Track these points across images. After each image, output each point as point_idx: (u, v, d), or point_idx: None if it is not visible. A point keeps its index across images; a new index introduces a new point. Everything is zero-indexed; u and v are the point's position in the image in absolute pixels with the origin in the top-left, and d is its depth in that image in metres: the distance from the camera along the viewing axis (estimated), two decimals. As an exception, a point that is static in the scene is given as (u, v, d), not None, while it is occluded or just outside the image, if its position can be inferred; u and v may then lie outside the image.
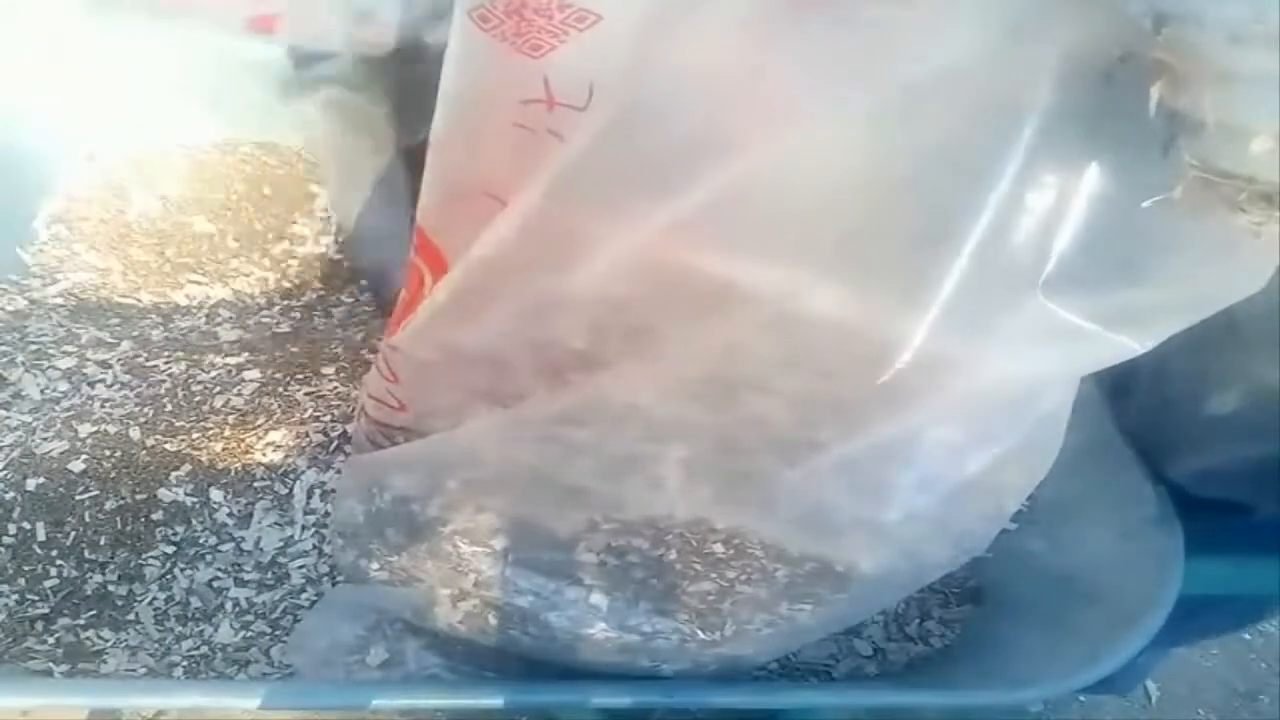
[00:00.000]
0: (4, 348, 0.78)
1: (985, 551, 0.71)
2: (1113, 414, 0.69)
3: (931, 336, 0.45)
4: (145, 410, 0.75)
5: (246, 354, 0.80)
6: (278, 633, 0.66)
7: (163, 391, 0.76)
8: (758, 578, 0.55)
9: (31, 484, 0.69)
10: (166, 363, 0.78)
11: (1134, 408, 0.69)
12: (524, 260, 0.50)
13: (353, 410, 0.72)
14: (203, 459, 0.72)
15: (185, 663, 0.64)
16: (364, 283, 0.88)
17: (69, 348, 0.79)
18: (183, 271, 0.86)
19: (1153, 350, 0.46)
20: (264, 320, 0.84)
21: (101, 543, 0.68)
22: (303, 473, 0.73)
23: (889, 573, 0.56)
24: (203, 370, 0.78)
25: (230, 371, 0.78)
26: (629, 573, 0.56)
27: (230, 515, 0.70)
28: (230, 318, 0.84)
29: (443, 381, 0.59)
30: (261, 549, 0.69)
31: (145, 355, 0.79)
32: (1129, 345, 0.45)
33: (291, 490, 0.72)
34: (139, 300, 0.84)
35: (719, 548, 0.56)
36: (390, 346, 0.59)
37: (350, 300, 0.87)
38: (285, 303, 0.85)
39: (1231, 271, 0.43)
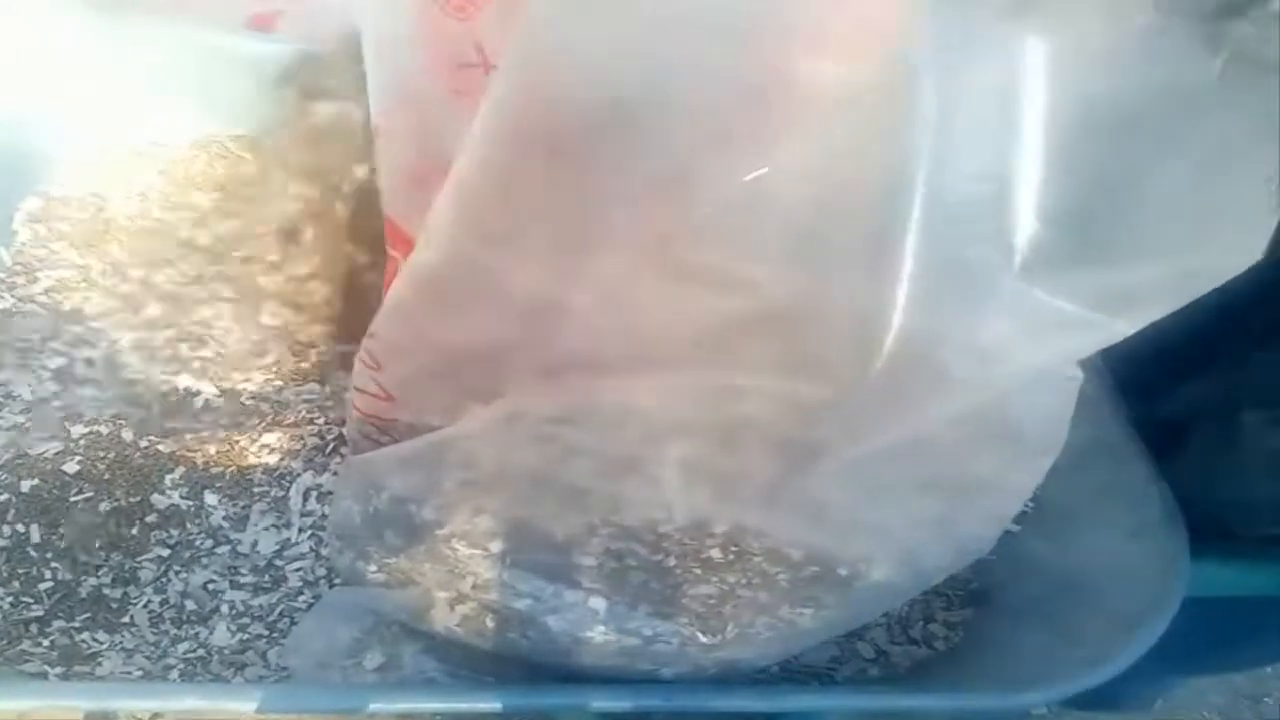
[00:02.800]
0: (-5, 347, 0.78)
1: (988, 554, 0.71)
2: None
3: (913, 327, 0.44)
4: (136, 411, 0.74)
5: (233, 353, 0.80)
6: (274, 635, 0.66)
7: (153, 392, 0.76)
8: (758, 581, 0.55)
9: (26, 485, 0.69)
10: (154, 364, 0.78)
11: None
12: (472, 240, 0.49)
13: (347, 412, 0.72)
14: (197, 461, 0.72)
15: (181, 665, 0.64)
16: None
17: (56, 345, 0.78)
18: (162, 269, 0.86)
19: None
20: (249, 317, 0.83)
21: (96, 545, 0.67)
22: (299, 475, 0.72)
23: (891, 575, 0.55)
24: (193, 369, 0.78)
25: (218, 374, 0.78)
26: (628, 576, 0.56)
27: (225, 518, 0.70)
28: (214, 315, 0.83)
29: (426, 373, 0.58)
30: (258, 552, 0.69)
31: (133, 354, 0.78)
32: (1116, 327, 0.44)
33: (287, 493, 0.72)
34: (121, 299, 0.83)
35: (717, 553, 0.55)
36: (369, 334, 0.59)
37: (340, 294, 0.86)
38: (270, 298, 0.85)
39: (1223, 242, 0.40)
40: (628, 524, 0.54)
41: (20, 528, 0.67)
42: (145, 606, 0.66)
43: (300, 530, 0.70)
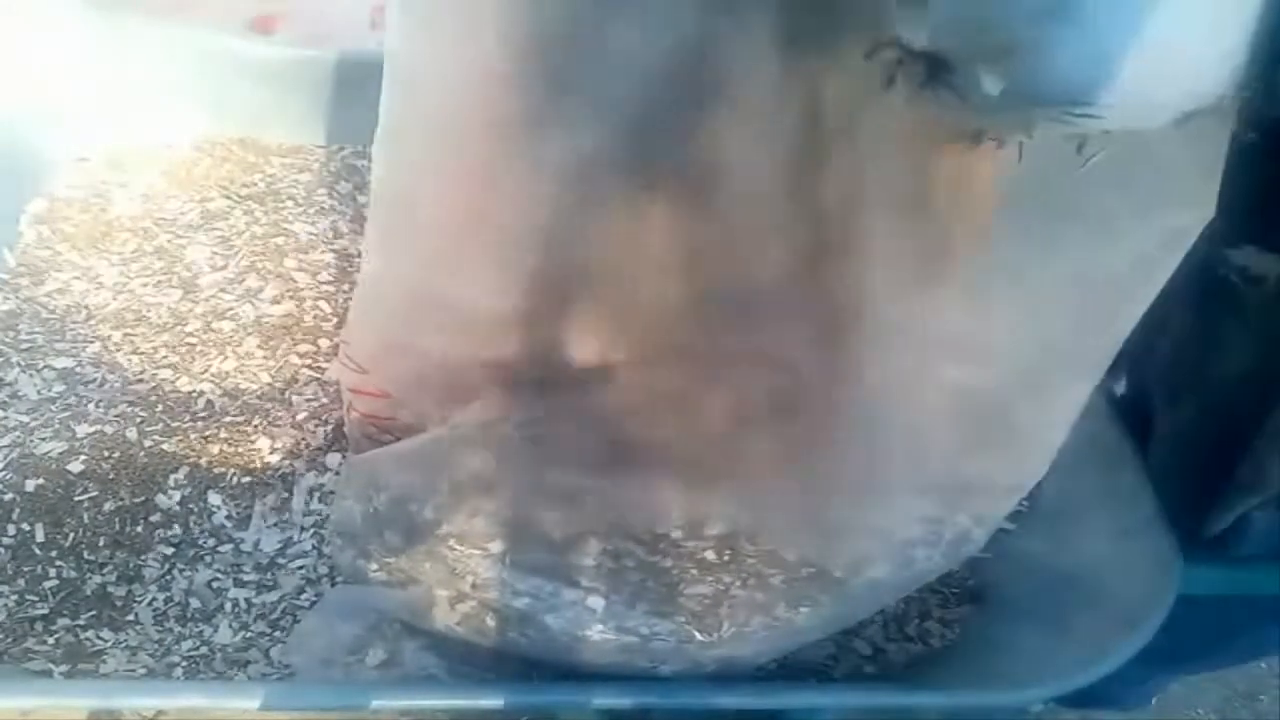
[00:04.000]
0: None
1: (985, 552, 0.72)
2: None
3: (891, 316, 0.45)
4: (140, 411, 0.75)
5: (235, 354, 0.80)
6: (277, 633, 0.66)
7: (157, 392, 0.76)
8: (753, 582, 0.55)
9: (30, 485, 0.69)
10: (157, 364, 0.78)
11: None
12: (403, 252, 0.50)
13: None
14: (201, 461, 0.72)
15: (185, 663, 0.64)
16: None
17: (61, 345, 0.79)
18: (166, 269, 0.86)
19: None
20: (252, 318, 0.83)
21: (100, 544, 0.68)
22: (301, 475, 0.73)
23: (887, 574, 0.55)
24: (195, 370, 0.78)
25: (221, 374, 0.78)
26: (625, 575, 0.56)
27: (229, 517, 0.70)
28: (217, 316, 0.83)
29: (418, 374, 0.58)
30: (260, 550, 0.69)
31: (136, 355, 0.79)
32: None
33: (290, 492, 0.72)
34: (125, 299, 0.83)
35: (711, 554, 0.55)
36: (343, 340, 0.60)
37: (342, 294, 0.86)
38: (271, 298, 0.85)
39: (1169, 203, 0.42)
40: (624, 524, 0.55)
41: (25, 526, 0.68)
42: (149, 605, 0.66)
43: (302, 529, 0.71)
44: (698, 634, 0.56)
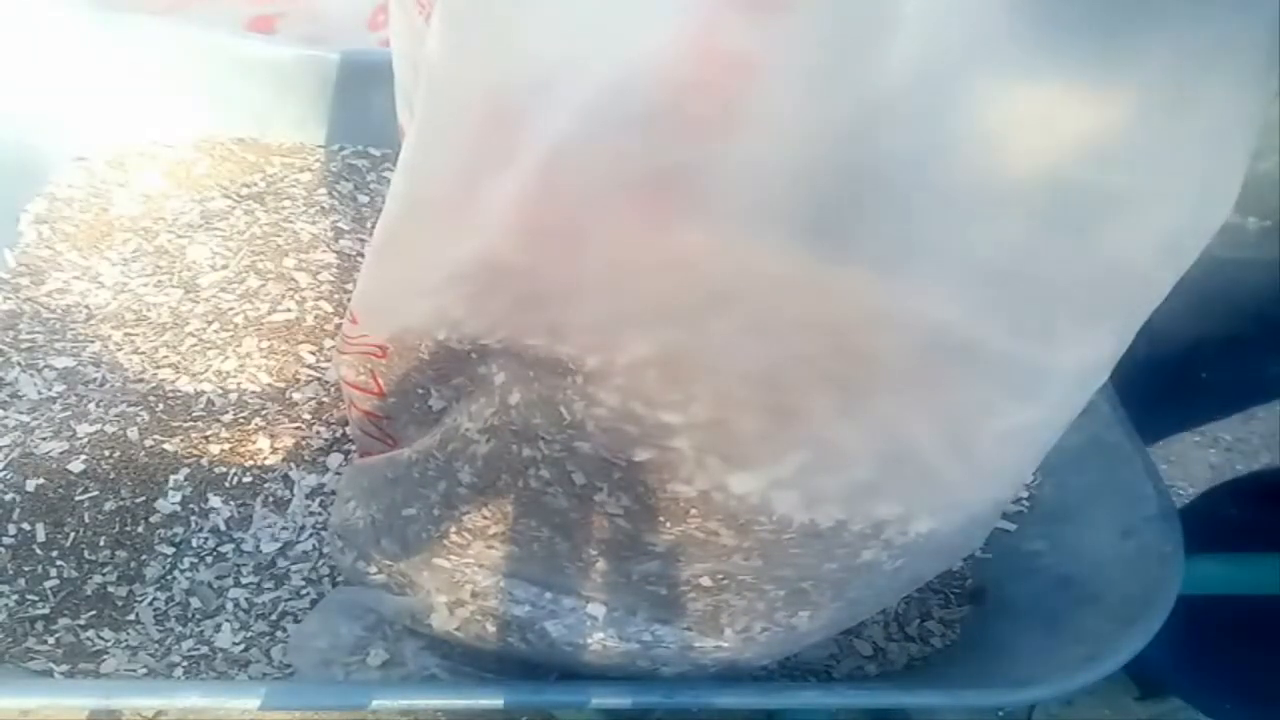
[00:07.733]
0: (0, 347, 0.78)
1: (985, 552, 0.72)
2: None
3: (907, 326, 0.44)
4: (141, 411, 0.75)
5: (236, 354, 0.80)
6: (278, 633, 0.66)
7: (158, 392, 0.76)
8: (752, 595, 0.55)
9: (31, 484, 0.69)
10: (158, 364, 0.78)
11: None
12: (416, 202, 0.49)
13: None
14: (202, 461, 0.72)
15: (185, 663, 0.64)
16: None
17: (62, 345, 0.79)
18: (166, 269, 0.86)
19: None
20: (252, 318, 0.83)
21: (101, 543, 0.68)
22: (302, 475, 0.73)
23: (887, 575, 0.55)
24: (196, 369, 0.78)
25: (222, 374, 0.78)
26: (624, 583, 0.55)
27: (230, 517, 0.70)
28: (217, 315, 0.83)
29: (416, 369, 0.58)
30: (261, 550, 0.69)
31: (137, 354, 0.79)
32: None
33: (291, 492, 0.72)
34: (126, 298, 0.83)
35: (707, 581, 0.54)
36: (350, 318, 0.59)
37: (343, 294, 0.86)
38: (272, 298, 0.85)
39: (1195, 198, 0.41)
40: (621, 530, 0.54)
41: (26, 526, 0.68)
42: (150, 604, 0.66)
43: (303, 530, 0.71)
44: (699, 639, 0.56)
